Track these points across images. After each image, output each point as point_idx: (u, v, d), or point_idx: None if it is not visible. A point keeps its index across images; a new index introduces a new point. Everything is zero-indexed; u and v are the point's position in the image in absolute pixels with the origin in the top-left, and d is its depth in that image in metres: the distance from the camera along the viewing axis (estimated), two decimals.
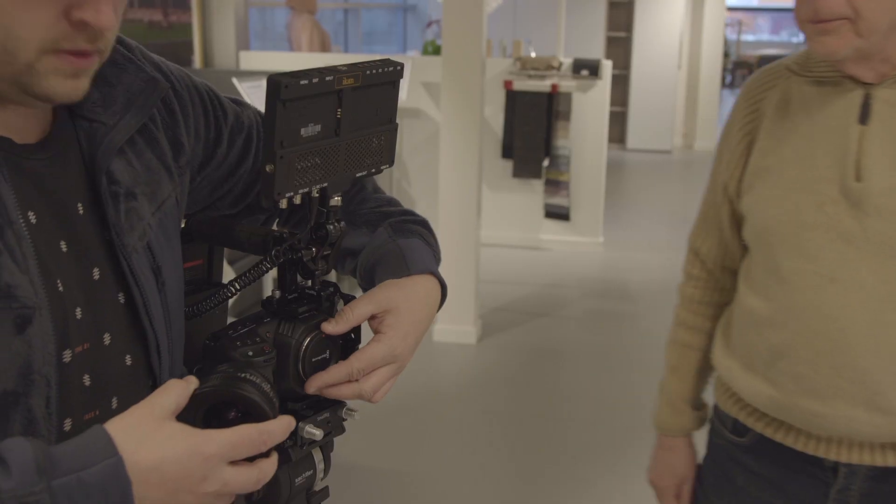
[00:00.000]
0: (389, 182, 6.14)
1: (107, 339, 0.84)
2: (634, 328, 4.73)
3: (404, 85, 5.54)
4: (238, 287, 0.94)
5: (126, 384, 0.87)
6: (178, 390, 0.78)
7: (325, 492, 0.99)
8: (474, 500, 3.07)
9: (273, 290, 0.94)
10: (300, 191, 0.86)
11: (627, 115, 10.64)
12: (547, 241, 6.21)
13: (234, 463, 0.76)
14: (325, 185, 0.89)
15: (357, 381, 0.93)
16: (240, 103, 1.07)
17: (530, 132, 5.86)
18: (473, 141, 4.24)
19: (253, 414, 0.80)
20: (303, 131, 0.84)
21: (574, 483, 3.15)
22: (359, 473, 3.18)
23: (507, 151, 6.01)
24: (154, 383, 0.90)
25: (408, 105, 5.93)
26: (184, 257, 1.00)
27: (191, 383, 0.79)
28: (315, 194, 0.90)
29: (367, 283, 1.05)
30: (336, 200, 0.93)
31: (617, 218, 7.06)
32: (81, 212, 0.84)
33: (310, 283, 0.95)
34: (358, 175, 0.93)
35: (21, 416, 0.73)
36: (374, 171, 0.95)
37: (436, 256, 1.09)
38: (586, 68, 5.92)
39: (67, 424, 0.78)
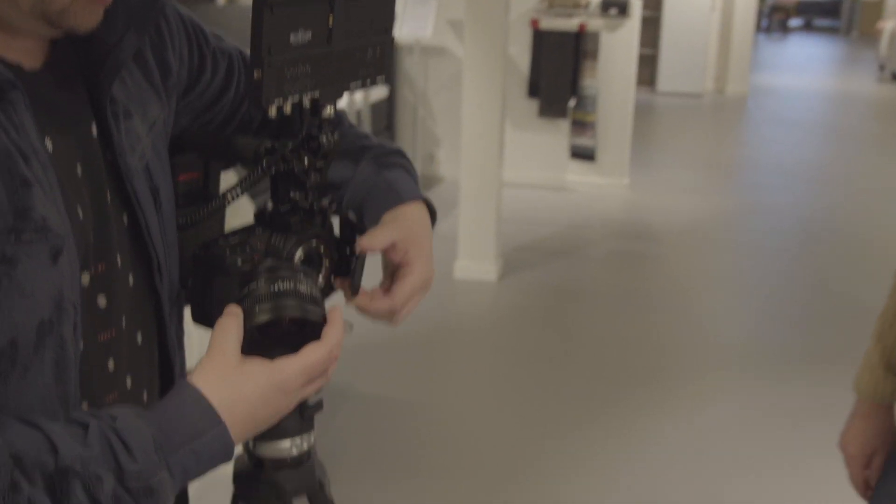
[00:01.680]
0: (413, 120, 6.12)
1: (119, 260, 0.85)
2: (657, 270, 4.71)
3: (429, 22, 5.47)
4: (230, 197, 0.94)
5: (132, 304, 0.88)
6: (235, 326, 0.80)
7: (319, 405, 1.00)
8: (487, 436, 3.11)
9: (265, 202, 0.94)
10: (289, 98, 0.85)
11: (658, 58, 10.47)
12: (572, 182, 6.17)
13: (308, 382, 0.83)
14: (317, 94, 0.88)
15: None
16: (220, 38, 1.06)
17: (557, 71, 5.79)
18: (497, 79, 4.20)
19: (308, 327, 0.82)
20: (292, 38, 0.83)
21: (590, 425, 3.17)
22: (372, 403, 3.22)
23: (534, 91, 5.94)
24: (157, 302, 0.91)
25: (433, 43, 5.87)
26: (179, 169, 1.00)
27: (238, 315, 0.81)
28: (306, 104, 0.89)
29: (356, 217, 1.07)
30: (329, 112, 0.92)
31: (643, 160, 6.98)
32: (95, 134, 0.84)
33: (303, 195, 0.94)
34: (352, 85, 0.93)
35: (54, 342, 0.74)
36: (368, 82, 0.94)
37: (417, 183, 1.14)
38: (615, 7, 5.81)
39: (81, 345, 0.79)
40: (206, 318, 0.91)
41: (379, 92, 5.83)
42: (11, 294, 0.70)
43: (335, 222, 0.99)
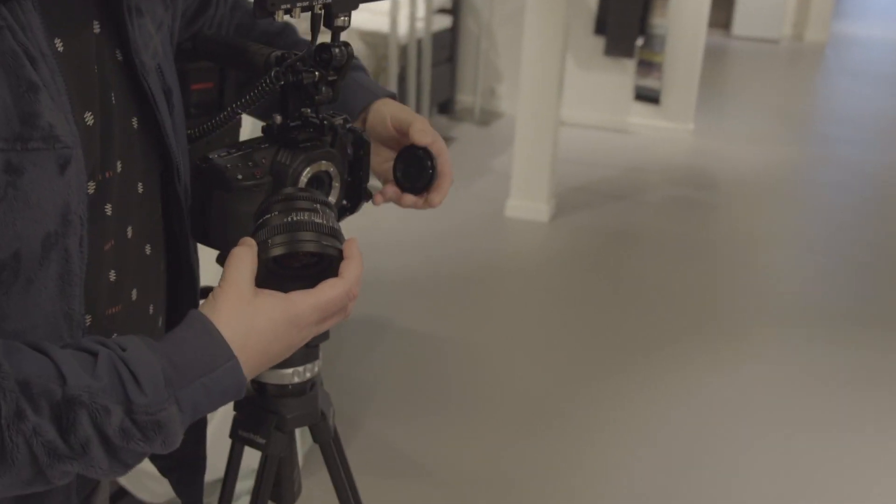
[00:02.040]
0: (476, 53, 5.99)
1: (119, 166, 0.81)
2: (715, 219, 4.58)
3: None
4: (238, 109, 0.89)
5: (139, 213, 0.84)
6: (249, 258, 0.77)
7: (324, 335, 0.95)
8: (527, 378, 3.06)
9: (274, 116, 0.89)
10: (298, 4, 0.79)
11: (735, 0, 10.09)
12: (634, 125, 6.01)
13: (325, 320, 0.81)
14: (329, 0, 0.82)
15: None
16: None
17: (625, 9, 5.60)
18: (559, 13, 4.06)
19: (325, 262, 0.80)
20: None
21: (637, 373, 3.11)
22: (413, 338, 3.20)
23: (601, 28, 5.76)
24: (171, 211, 0.88)
25: None
26: (193, 78, 0.96)
27: (253, 246, 0.78)
28: (318, 10, 0.83)
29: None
30: (342, 21, 0.86)
31: (711, 106, 6.77)
32: (98, 30, 0.79)
33: (313, 111, 0.89)
34: None
35: (59, 255, 0.71)
36: None
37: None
38: None
39: (87, 258, 0.76)
40: (204, 234, 0.87)
41: (441, 21, 5.71)
42: (16, 204, 0.67)
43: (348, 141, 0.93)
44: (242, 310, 0.75)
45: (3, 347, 0.65)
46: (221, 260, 0.91)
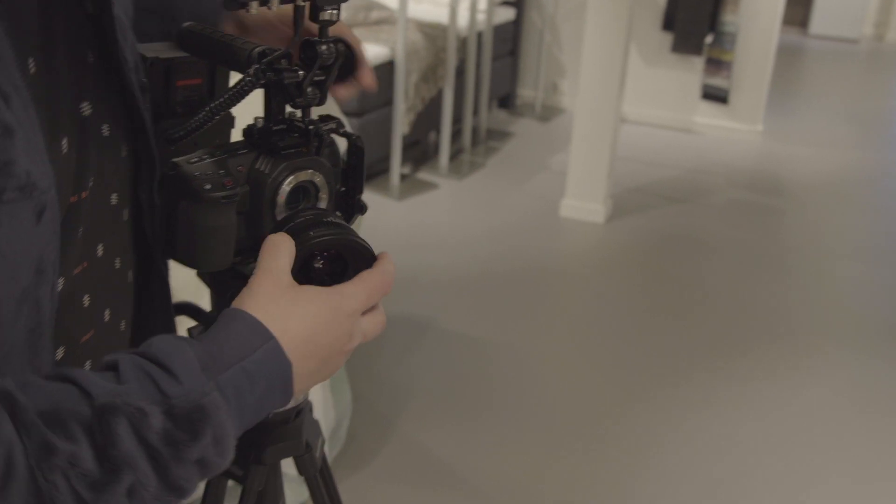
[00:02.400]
0: (539, 46, 5.86)
1: (92, 181, 0.72)
2: (783, 227, 4.38)
3: None
4: (216, 110, 0.80)
5: (112, 226, 0.76)
6: (287, 247, 0.72)
7: None
8: (574, 385, 2.95)
9: (255, 119, 0.80)
10: None
11: None
12: (700, 125, 5.81)
13: (366, 312, 0.75)
14: None
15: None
16: None
17: (695, 4, 5.40)
18: (623, 8, 3.91)
19: (358, 262, 0.76)
20: None
21: (694, 388, 2.97)
22: (456, 340, 3.10)
23: (669, 23, 5.58)
24: (139, 218, 0.80)
25: None
26: (179, 75, 0.88)
27: (288, 239, 0.73)
28: (301, 2, 0.74)
29: None
30: (330, 15, 0.77)
31: (783, 107, 6.52)
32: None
33: (300, 114, 0.80)
34: None
35: (29, 309, 0.63)
36: None
37: None
38: None
39: (60, 283, 0.68)
40: (170, 247, 0.79)
41: (504, 13, 5.59)
42: None
43: (339, 146, 0.84)
44: (277, 294, 0.69)
45: (15, 383, 0.58)
46: (204, 276, 0.83)
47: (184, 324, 0.87)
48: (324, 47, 0.77)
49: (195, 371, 0.62)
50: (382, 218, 4.11)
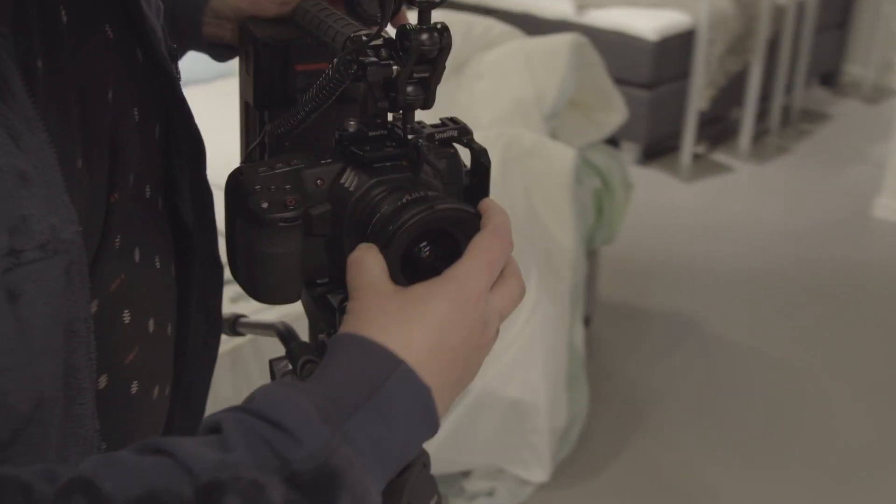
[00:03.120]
0: (875, 18, 5.17)
1: (132, 179, 0.62)
2: None
3: None
4: (306, 108, 0.65)
5: (148, 224, 0.65)
6: (373, 257, 0.59)
7: None
8: (864, 423, 2.53)
9: (349, 121, 0.64)
10: None
11: None
12: None
13: (493, 286, 0.60)
14: None
15: None
16: None
17: None
18: None
19: (456, 228, 0.60)
20: None
21: None
22: (728, 349, 2.79)
23: None
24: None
25: None
26: (297, 58, 0.75)
27: (373, 246, 0.60)
28: None
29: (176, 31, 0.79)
30: None
31: None
32: (111, 34, 0.61)
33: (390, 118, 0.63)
34: None
35: (64, 381, 0.53)
36: None
37: None
38: None
39: (94, 306, 0.58)
40: (234, 270, 0.66)
41: None
42: (25, 337, 0.49)
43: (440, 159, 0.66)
44: (388, 307, 0.56)
45: (95, 465, 0.47)
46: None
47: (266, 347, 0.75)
48: (424, 36, 0.59)
49: (315, 424, 0.50)
50: (666, 199, 3.82)
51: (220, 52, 0.83)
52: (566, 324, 2.19)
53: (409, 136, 0.63)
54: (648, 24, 3.82)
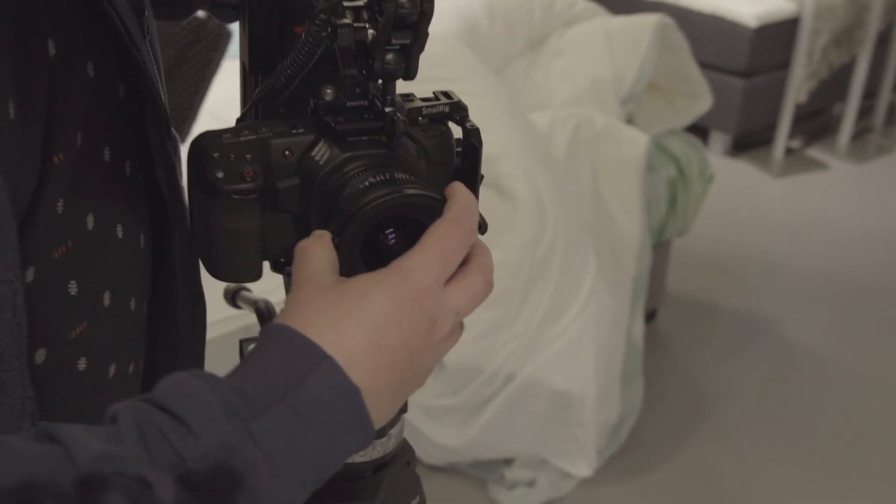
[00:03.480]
0: None
1: (80, 138, 0.57)
2: None
3: None
4: (285, 74, 0.60)
5: (104, 187, 0.60)
6: (319, 247, 0.54)
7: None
8: None
9: (324, 88, 0.59)
10: None
11: None
12: None
13: (450, 280, 0.54)
14: None
15: None
16: None
17: None
18: None
19: (425, 215, 0.55)
20: None
21: None
22: (808, 357, 2.65)
23: None
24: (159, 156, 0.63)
25: None
26: (296, 19, 0.69)
27: (323, 236, 0.55)
28: None
29: None
30: None
31: None
32: None
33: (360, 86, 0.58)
34: None
35: None
36: None
37: None
38: None
39: (30, 274, 0.54)
40: (192, 230, 0.61)
41: None
42: None
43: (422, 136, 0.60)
44: (322, 299, 0.52)
45: None
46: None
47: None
48: None
49: (216, 419, 0.45)
50: (752, 193, 3.66)
51: (225, 13, 0.78)
52: (625, 316, 2.10)
53: (387, 109, 0.57)
54: (749, 9, 3.64)
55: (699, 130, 3.65)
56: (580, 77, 2.34)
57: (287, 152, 0.58)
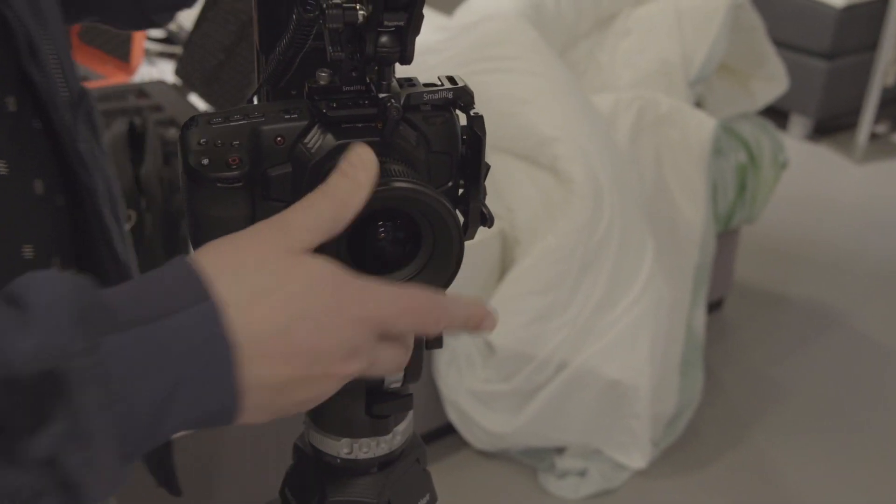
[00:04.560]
0: None
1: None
2: None
3: None
4: (282, 55, 0.57)
5: (18, 140, 0.60)
6: (323, 206, 0.50)
7: (438, 341, 0.62)
8: None
9: (319, 72, 0.56)
10: None
11: None
12: None
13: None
14: None
15: None
16: None
17: None
18: None
19: (414, 210, 0.52)
20: None
21: None
22: (878, 352, 2.55)
23: None
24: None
25: None
26: None
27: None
28: None
29: None
30: None
31: None
32: None
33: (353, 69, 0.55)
34: None
35: None
36: None
37: None
38: None
39: None
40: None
41: None
42: None
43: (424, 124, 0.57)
44: (269, 255, 0.48)
45: None
46: None
47: None
48: None
49: (61, 320, 0.41)
50: (832, 179, 3.52)
51: None
52: (685, 305, 2.04)
53: (381, 95, 0.54)
54: None
55: (779, 114, 3.52)
56: (647, 58, 2.26)
57: (279, 139, 0.55)
